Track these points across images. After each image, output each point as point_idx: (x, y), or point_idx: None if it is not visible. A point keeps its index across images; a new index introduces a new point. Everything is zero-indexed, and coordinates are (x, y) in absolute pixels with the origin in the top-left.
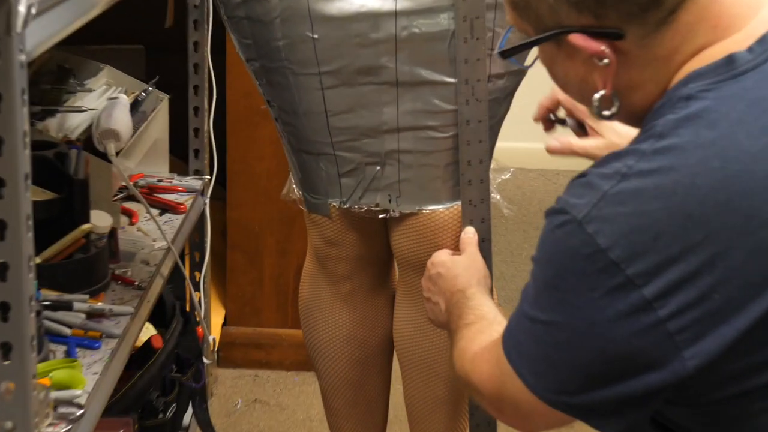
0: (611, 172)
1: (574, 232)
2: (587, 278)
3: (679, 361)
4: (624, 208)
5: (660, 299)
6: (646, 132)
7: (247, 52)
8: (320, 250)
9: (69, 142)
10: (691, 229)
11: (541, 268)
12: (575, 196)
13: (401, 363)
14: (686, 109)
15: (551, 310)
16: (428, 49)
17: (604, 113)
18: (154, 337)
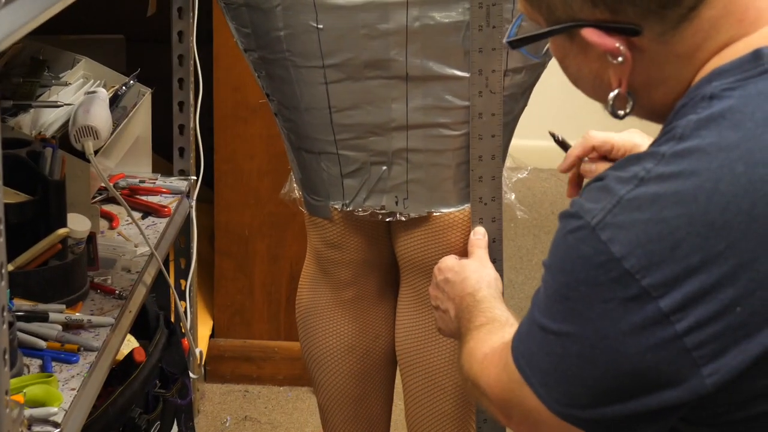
0: (629, 176)
1: (586, 239)
2: (600, 288)
3: (696, 378)
4: (641, 214)
5: (677, 312)
6: (667, 134)
7: (245, 42)
8: (321, 254)
9: (43, 139)
10: (712, 238)
11: (553, 275)
12: (591, 200)
13: (403, 375)
14: (709, 110)
15: (562, 320)
16: (441, 42)
17: (619, 113)
18: (136, 350)
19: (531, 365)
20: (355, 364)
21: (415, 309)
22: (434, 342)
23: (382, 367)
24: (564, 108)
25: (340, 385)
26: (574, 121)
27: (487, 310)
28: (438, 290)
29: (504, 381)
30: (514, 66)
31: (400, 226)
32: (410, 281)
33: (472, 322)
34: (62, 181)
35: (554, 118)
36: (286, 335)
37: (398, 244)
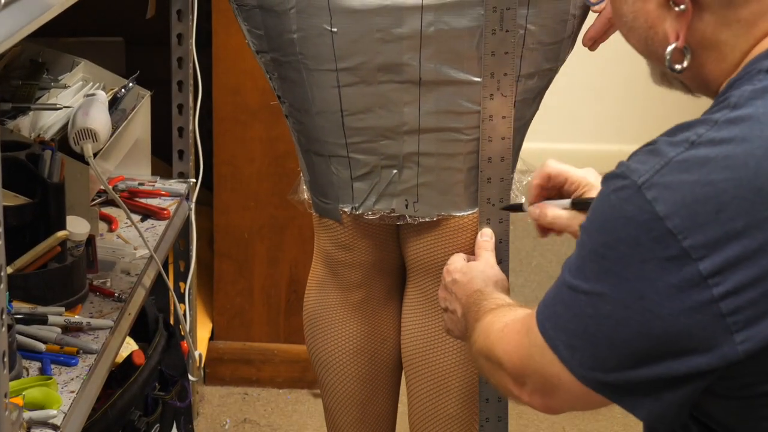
0: (680, 139)
1: (631, 198)
2: (640, 248)
3: (728, 344)
4: (689, 176)
5: (716, 276)
6: (720, 103)
7: (257, 44)
8: (330, 256)
9: (43, 142)
10: (759, 203)
11: (590, 235)
12: (639, 161)
13: (408, 376)
14: (765, 81)
15: (596, 280)
16: (455, 47)
17: (676, 67)
18: (135, 353)
19: (557, 327)
20: (362, 366)
21: (422, 311)
22: (440, 344)
23: (389, 370)
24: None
25: (347, 387)
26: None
27: (497, 298)
28: (446, 292)
29: (525, 346)
30: (526, 71)
31: (410, 229)
32: (418, 283)
33: (482, 309)
34: (61, 183)
35: (565, 121)
36: (286, 338)
37: (407, 247)
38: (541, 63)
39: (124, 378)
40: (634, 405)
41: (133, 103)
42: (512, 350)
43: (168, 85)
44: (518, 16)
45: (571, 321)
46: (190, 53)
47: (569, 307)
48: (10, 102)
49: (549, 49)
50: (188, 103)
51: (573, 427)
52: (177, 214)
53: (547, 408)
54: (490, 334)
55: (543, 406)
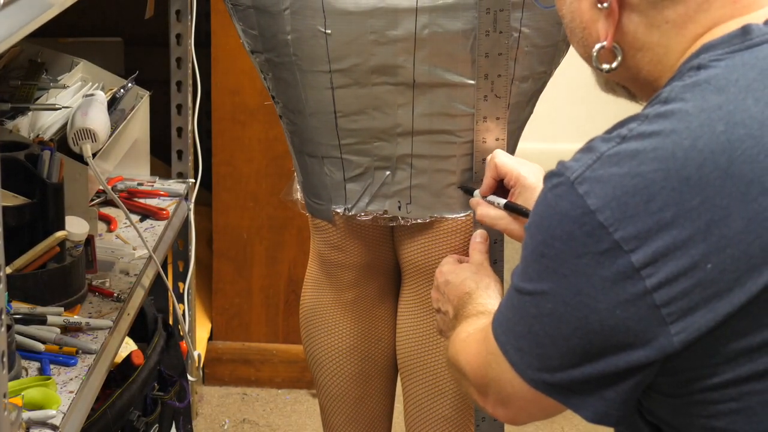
0: (613, 135)
1: (564, 194)
2: (574, 242)
3: (665, 336)
4: (618, 168)
5: (648, 267)
6: (652, 100)
7: (252, 44)
8: (324, 256)
9: (42, 142)
10: (687, 193)
11: (531, 234)
12: (574, 159)
13: (404, 378)
14: (695, 77)
15: (538, 279)
16: (449, 49)
17: (603, 66)
18: (134, 353)
19: (507, 331)
20: (356, 365)
21: (417, 313)
22: (435, 346)
23: (384, 370)
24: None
25: (341, 386)
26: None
27: (479, 304)
28: (438, 293)
29: (482, 354)
30: (520, 74)
31: (404, 230)
32: (412, 285)
33: (461, 315)
34: (60, 183)
35: (557, 122)
36: (285, 338)
37: (401, 249)
38: (536, 66)
39: (123, 378)
40: (579, 405)
41: (132, 104)
42: (473, 359)
43: (167, 85)
44: (512, 18)
45: (519, 323)
46: (189, 53)
47: (516, 309)
48: (9, 102)
49: (543, 52)
50: (187, 103)
51: (572, 428)
52: (176, 214)
53: (509, 418)
54: (456, 342)
55: (505, 417)
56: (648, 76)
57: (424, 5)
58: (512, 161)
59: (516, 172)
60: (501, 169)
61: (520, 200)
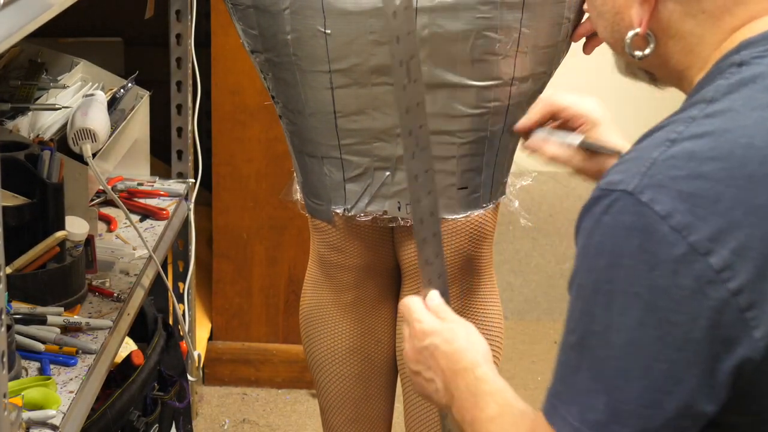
0: (658, 141)
1: (625, 208)
2: (646, 255)
3: (748, 341)
4: (678, 171)
5: (726, 269)
6: (693, 101)
7: (252, 44)
8: (324, 257)
9: (42, 142)
10: (752, 190)
11: (585, 274)
12: (617, 173)
13: (402, 380)
14: (738, 75)
15: (605, 313)
16: (449, 50)
17: (636, 53)
18: (134, 353)
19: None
20: (355, 366)
21: None
22: None
23: (384, 371)
24: None
25: (341, 386)
26: None
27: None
28: (419, 355)
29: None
30: (520, 75)
31: (404, 231)
32: (412, 286)
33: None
34: (60, 184)
35: None
36: (285, 338)
37: (401, 250)
38: (535, 66)
39: (123, 378)
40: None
41: (131, 104)
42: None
43: (167, 85)
44: (512, 19)
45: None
46: (189, 53)
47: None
48: (9, 102)
49: (543, 53)
50: (187, 103)
51: None
52: (176, 214)
53: None
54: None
55: None
56: (677, 65)
57: (423, 5)
58: (572, 99)
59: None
60: (566, 111)
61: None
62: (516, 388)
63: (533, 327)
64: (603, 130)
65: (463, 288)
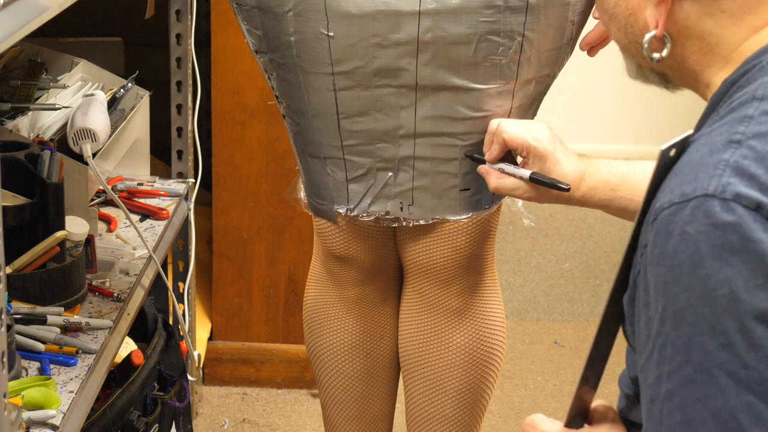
0: (721, 144)
1: (711, 210)
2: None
3: None
4: (757, 168)
5: None
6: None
7: (256, 44)
8: (327, 256)
9: (42, 142)
10: None
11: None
12: (685, 184)
13: (405, 377)
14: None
15: (731, 319)
16: (452, 53)
17: (654, 55)
18: (134, 353)
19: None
20: (358, 363)
21: (419, 312)
22: (437, 345)
23: (386, 369)
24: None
25: (343, 383)
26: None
27: None
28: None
29: None
30: (524, 78)
31: (406, 231)
32: (415, 285)
33: None
34: (60, 183)
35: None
36: (285, 338)
37: (404, 249)
38: (539, 69)
39: (123, 378)
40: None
41: (132, 103)
42: None
43: (167, 85)
44: (516, 23)
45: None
46: (189, 53)
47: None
48: (9, 102)
49: (547, 56)
50: (187, 103)
51: None
52: (176, 214)
53: None
54: None
55: None
56: (694, 65)
57: (427, 8)
58: (520, 130)
59: (526, 141)
60: (511, 144)
61: (534, 169)
62: (516, 388)
63: (533, 327)
64: (549, 161)
65: (465, 287)
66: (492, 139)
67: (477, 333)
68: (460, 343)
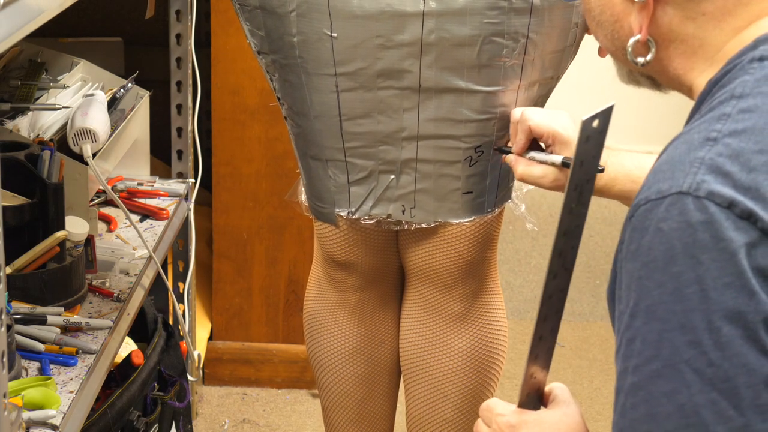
0: (697, 143)
1: (686, 207)
2: (723, 243)
3: None
4: (730, 167)
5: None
6: (720, 98)
7: (258, 45)
8: (328, 260)
9: (42, 142)
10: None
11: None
12: (661, 181)
13: (406, 381)
14: (762, 70)
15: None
16: (456, 55)
17: (638, 60)
18: (134, 353)
19: None
20: (358, 367)
21: (420, 316)
22: (438, 349)
23: (387, 373)
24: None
25: (343, 387)
26: None
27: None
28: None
29: None
30: (528, 80)
31: (408, 235)
32: (417, 289)
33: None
34: (60, 183)
35: None
36: (285, 338)
37: (406, 253)
38: (543, 71)
39: (123, 378)
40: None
41: (132, 103)
42: None
43: (167, 85)
44: (520, 24)
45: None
46: (189, 53)
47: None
48: (10, 102)
49: (551, 58)
50: (187, 103)
51: None
52: (176, 214)
53: None
54: None
55: None
56: (679, 68)
57: (431, 10)
58: (545, 119)
59: (551, 129)
60: (537, 131)
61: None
62: (516, 388)
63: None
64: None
65: (467, 292)
66: (516, 129)
67: (479, 338)
68: (462, 348)
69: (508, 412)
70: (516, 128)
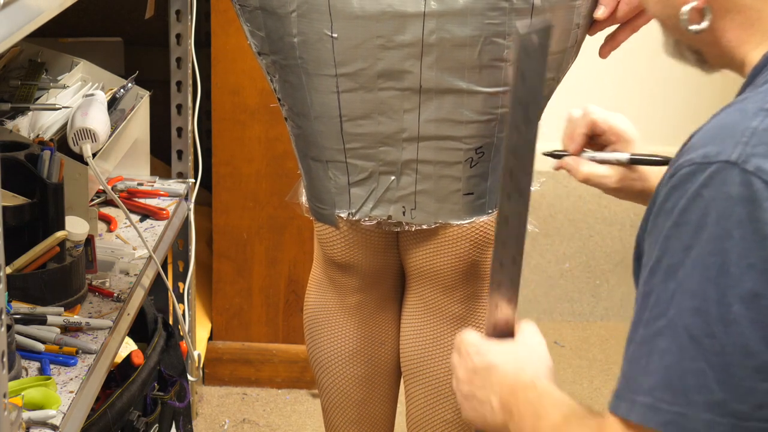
0: (751, 111)
1: (730, 179)
2: (758, 225)
3: None
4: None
5: None
6: None
7: (259, 45)
8: (328, 262)
9: (42, 142)
10: None
11: (681, 252)
12: (710, 145)
13: (406, 381)
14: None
15: (715, 288)
16: (456, 55)
17: (692, 27)
18: (134, 353)
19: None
20: (359, 368)
21: (421, 317)
22: (438, 350)
23: (387, 374)
24: None
25: (344, 388)
26: None
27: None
28: (474, 376)
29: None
30: None
31: (409, 236)
32: (417, 290)
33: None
34: (60, 183)
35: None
36: (284, 338)
37: (406, 255)
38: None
39: (123, 378)
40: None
41: (132, 103)
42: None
43: (167, 85)
44: (521, 26)
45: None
46: (189, 53)
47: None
48: (9, 102)
49: (552, 59)
50: (187, 103)
51: None
52: (176, 214)
53: None
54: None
55: None
56: (732, 41)
57: (432, 10)
58: (609, 115)
59: (615, 125)
60: (601, 126)
61: None
62: None
63: None
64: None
65: (468, 293)
66: (573, 127)
67: None
68: None
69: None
70: (573, 127)
